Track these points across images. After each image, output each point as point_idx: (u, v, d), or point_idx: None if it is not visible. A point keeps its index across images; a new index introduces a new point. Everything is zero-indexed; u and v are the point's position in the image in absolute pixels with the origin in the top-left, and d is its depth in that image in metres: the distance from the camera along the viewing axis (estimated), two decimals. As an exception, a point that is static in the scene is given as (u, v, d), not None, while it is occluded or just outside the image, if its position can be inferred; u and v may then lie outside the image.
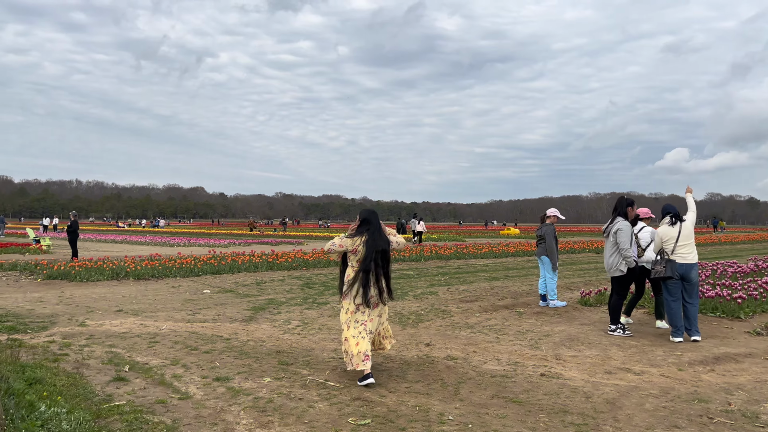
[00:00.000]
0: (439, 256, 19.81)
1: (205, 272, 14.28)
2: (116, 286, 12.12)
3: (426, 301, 10.16)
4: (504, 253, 21.75)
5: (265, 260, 16.58)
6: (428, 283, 13.03)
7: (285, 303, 9.96)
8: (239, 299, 10.42)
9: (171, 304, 9.79)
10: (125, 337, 7.00)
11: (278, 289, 11.77)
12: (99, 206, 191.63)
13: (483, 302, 10.04)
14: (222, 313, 8.85)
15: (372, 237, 5.20)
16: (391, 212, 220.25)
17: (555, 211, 9.71)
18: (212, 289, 11.67)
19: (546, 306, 9.38)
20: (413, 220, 32.06)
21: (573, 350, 6.47)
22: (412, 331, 7.51)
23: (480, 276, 14.52)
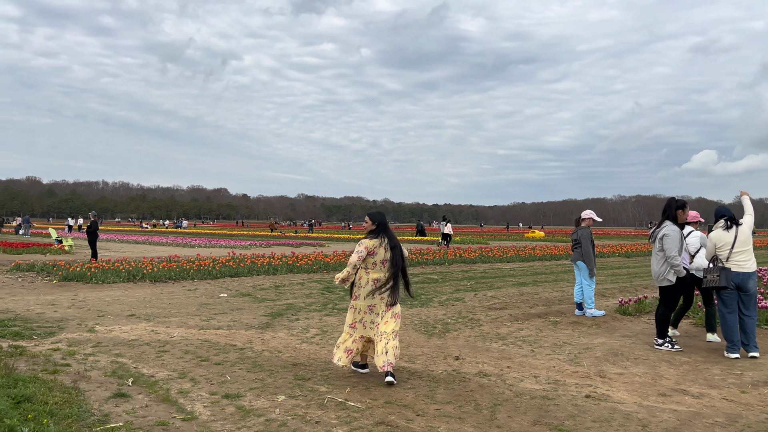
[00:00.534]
0: (464, 259, 19.21)
1: (223, 275, 13.89)
2: (132, 288, 11.77)
3: (452, 308, 9.60)
4: (531, 257, 21.06)
5: (284, 263, 16.16)
6: (454, 288, 12.46)
7: (304, 308, 9.49)
8: (256, 304, 9.97)
9: (185, 308, 9.38)
10: (134, 346, 6.58)
11: (297, 294, 11.30)
12: (124, 207, 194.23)
13: (513, 310, 9.44)
14: (237, 319, 8.40)
15: (390, 238, 5.36)
16: (412, 214, 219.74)
17: (591, 213, 9.07)
18: (229, 293, 11.25)
19: (582, 315, 8.76)
20: (442, 222, 31.48)
21: (618, 366, 5.86)
22: (439, 342, 6.96)
23: (507, 281, 13.90)
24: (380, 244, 5.29)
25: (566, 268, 17.69)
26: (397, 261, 5.29)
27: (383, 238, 5.31)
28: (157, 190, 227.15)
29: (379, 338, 5.22)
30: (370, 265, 5.29)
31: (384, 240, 5.30)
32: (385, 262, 5.30)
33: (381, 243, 5.30)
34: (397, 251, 5.32)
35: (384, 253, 5.29)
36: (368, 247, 5.27)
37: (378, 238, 5.31)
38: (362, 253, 5.26)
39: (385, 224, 5.42)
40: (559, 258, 21.67)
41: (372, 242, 5.29)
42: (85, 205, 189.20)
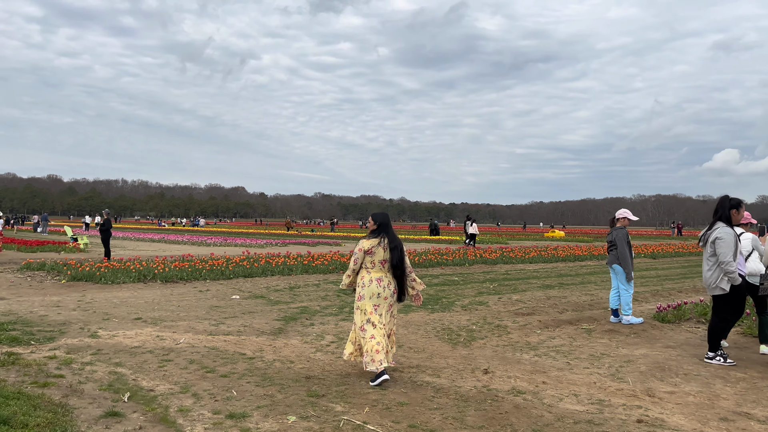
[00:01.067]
0: (485, 260, 18.60)
1: (236, 275, 13.45)
2: (141, 289, 11.35)
3: (476, 313, 9.03)
4: (554, 258, 20.37)
5: (300, 263, 15.68)
6: (476, 290, 11.88)
7: (319, 312, 8.98)
8: (269, 307, 9.49)
9: (195, 311, 8.92)
10: (136, 353, 6.11)
11: (312, 296, 10.81)
12: (143, 205, 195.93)
13: (542, 316, 8.85)
14: (249, 324, 7.92)
15: (391, 239, 5.41)
16: (429, 213, 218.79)
17: (626, 212, 8.42)
18: (242, 295, 10.78)
19: (618, 322, 8.14)
20: (467, 222, 30.86)
21: (667, 383, 5.26)
22: (464, 352, 6.41)
23: (532, 283, 13.28)
24: (379, 243, 5.36)
25: (592, 270, 17.00)
26: (394, 261, 5.36)
27: (383, 238, 5.38)
28: (176, 189, 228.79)
29: (380, 339, 5.28)
30: (369, 264, 5.38)
31: (384, 240, 5.37)
32: (384, 262, 5.38)
33: (380, 243, 5.37)
34: (396, 252, 5.37)
35: (383, 253, 5.36)
36: (364, 248, 5.38)
37: (377, 238, 5.39)
38: (357, 255, 5.41)
39: (386, 224, 5.50)
40: (583, 259, 20.96)
41: (370, 242, 5.38)
42: (105, 203, 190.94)
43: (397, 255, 5.36)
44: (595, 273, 16.10)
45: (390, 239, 5.39)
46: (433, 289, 11.92)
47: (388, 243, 5.36)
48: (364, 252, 5.38)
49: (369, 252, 5.36)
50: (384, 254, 5.35)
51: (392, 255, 5.36)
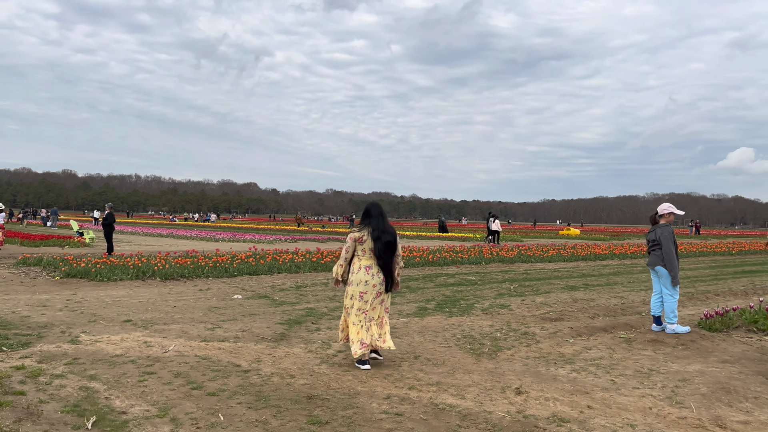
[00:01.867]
0: (502, 258, 17.73)
1: (240, 273, 12.71)
2: (138, 287, 10.64)
3: (499, 318, 8.21)
4: (574, 257, 19.46)
5: (308, 260, 14.93)
6: (496, 292, 11.05)
7: (326, 315, 8.21)
8: (273, 308, 8.73)
9: (191, 312, 8.18)
10: (116, 364, 5.36)
11: (320, 296, 10.03)
12: (156, 200, 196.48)
13: (572, 321, 8.01)
14: (248, 328, 7.16)
15: (376, 227, 5.49)
16: (440, 210, 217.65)
17: (671, 207, 7.50)
18: (244, 294, 10.04)
19: (661, 331, 7.27)
20: (489, 218, 30.00)
21: (737, 410, 4.42)
22: (491, 366, 5.60)
23: (554, 284, 12.43)
24: (367, 233, 5.49)
25: (615, 269, 16.09)
26: (376, 252, 5.44)
27: (368, 227, 5.49)
28: (188, 184, 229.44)
29: (367, 325, 5.46)
30: (360, 253, 5.51)
31: (369, 228, 5.49)
32: (372, 250, 5.48)
33: (367, 232, 5.49)
34: (379, 243, 5.43)
35: (371, 242, 5.47)
36: (354, 237, 5.52)
37: (365, 228, 5.51)
38: (348, 244, 5.54)
39: (370, 214, 5.59)
40: (604, 258, 20.03)
41: (358, 233, 5.51)
42: (118, 198, 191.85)
43: (379, 246, 5.42)
44: (619, 273, 15.20)
45: (373, 228, 5.48)
46: (450, 290, 11.11)
47: (370, 233, 5.46)
48: (354, 240, 5.52)
49: (359, 240, 5.50)
50: (371, 243, 5.46)
51: (374, 245, 5.44)
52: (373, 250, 5.44)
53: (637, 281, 13.34)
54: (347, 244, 5.54)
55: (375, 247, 5.43)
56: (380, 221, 5.54)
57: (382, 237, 5.45)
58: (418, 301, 9.72)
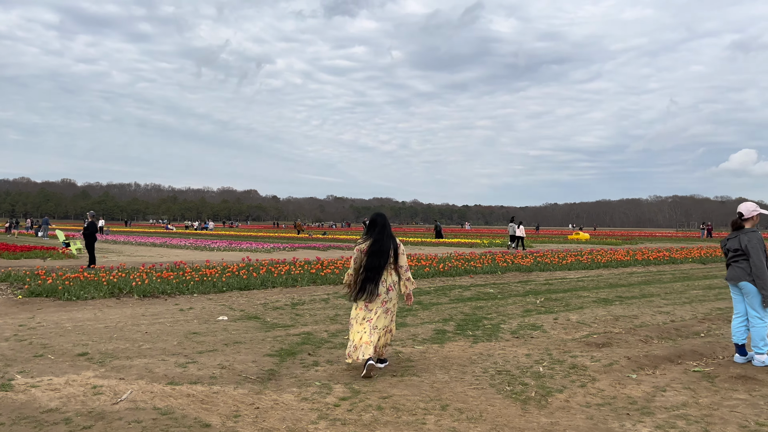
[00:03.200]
0: (518, 266, 16.32)
1: (230, 287, 11.31)
2: (110, 307, 9.25)
3: (534, 344, 6.81)
4: (594, 264, 18.05)
5: (306, 271, 13.54)
6: (521, 308, 9.65)
7: (327, 342, 6.81)
8: (263, 333, 7.34)
9: (164, 340, 6.79)
10: (44, 424, 3.98)
11: (319, 316, 8.64)
12: (155, 208, 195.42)
13: (624, 347, 6.61)
14: (230, 363, 5.77)
15: (378, 237, 5.53)
16: (441, 215, 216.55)
17: (756, 207, 6.08)
18: (231, 315, 8.64)
19: (748, 363, 5.85)
20: (511, 224, 28.79)
21: None
22: (545, 421, 4.20)
23: (584, 297, 11.03)
24: (369, 244, 5.54)
25: (643, 278, 14.68)
26: (369, 261, 5.48)
27: (370, 239, 5.56)
28: (188, 192, 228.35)
29: (371, 332, 5.40)
30: (365, 263, 5.52)
31: (371, 239, 5.55)
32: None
33: (368, 242, 5.55)
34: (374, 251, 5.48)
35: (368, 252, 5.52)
36: (361, 248, 5.58)
37: (368, 239, 5.57)
38: (355, 255, 5.58)
39: (373, 225, 5.62)
40: (626, 264, 18.61)
41: (364, 243, 5.59)
42: (118, 207, 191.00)
43: (375, 259, 5.47)
44: (649, 282, 13.80)
45: (373, 242, 5.52)
46: (468, 306, 9.71)
47: (368, 245, 5.51)
48: (361, 252, 5.56)
49: (364, 252, 5.54)
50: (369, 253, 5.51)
51: (369, 257, 5.49)
52: (365, 264, 5.48)
53: (673, 292, 11.94)
54: (354, 256, 5.58)
55: (368, 261, 5.47)
56: (379, 232, 5.57)
57: (378, 251, 5.50)
58: (433, 320, 8.32)
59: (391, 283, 5.56)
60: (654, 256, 20.93)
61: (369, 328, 5.41)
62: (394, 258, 5.58)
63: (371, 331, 5.39)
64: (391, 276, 5.56)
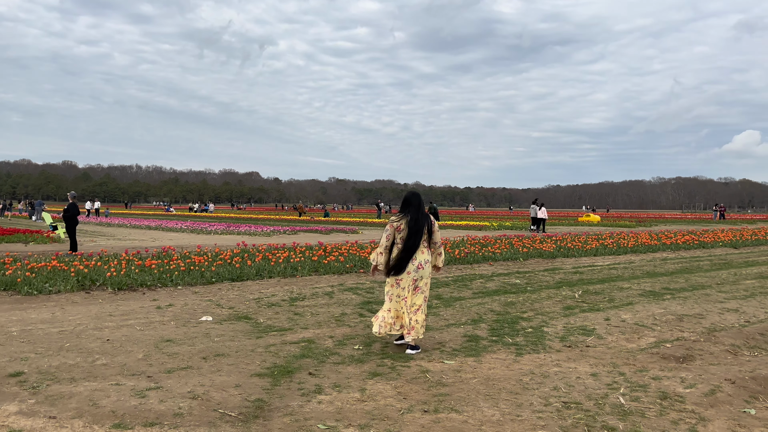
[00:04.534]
0: (540, 253, 14.86)
1: (220, 278, 9.88)
2: (75, 304, 7.83)
3: (595, 356, 5.38)
4: (621, 249, 16.57)
5: (307, 258, 12.11)
6: (559, 303, 8.22)
7: (332, 355, 5.38)
8: (254, 340, 5.92)
9: (126, 353, 5.36)
10: None
11: (322, 316, 7.21)
12: (157, 190, 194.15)
13: (713, 363, 5.17)
14: (205, 390, 4.34)
15: (414, 216, 5.54)
16: (444, 197, 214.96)
17: None
18: (217, 314, 7.22)
19: None
20: (533, 206, 27.34)
21: None
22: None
23: (626, 289, 9.59)
24: (405, 222, 5.53)
25: (680, 265, 13.23)
26: (407, 240, 5.48)
27: (407, 217, 5.54)
28: (190, 174, 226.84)
29: (406, 311, 5.49)
30: (399, 241, 5.55)
31: (407, 218, 5.53)
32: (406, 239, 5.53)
33: (405, 221, 5.54)
34: (411, 231, 5.48)
35: (407, 231, 5.52)
36: (393, 225, 5.59)
37: (404, 217, 5.56)
38: (389, 231, 5.60)
39: (409, 203, 5.62)
40: (655, 249, 17.14)
41: (397, 221, 5.57)
42: (119, 189, 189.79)
43: (411, 238, 5.48)
44: (690, 270, 12.35)
45: (411, 219, 5.52)
46: (497, 302, 8.28)
47: (407, 223, 5.51)
48: (394, 229, 5.58)
49: (398, 229, 5.56)
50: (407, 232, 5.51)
51: (408, 236, 5.50)
52: (405, 240, 5.49)
53: (724, 282, 10.50)
54: (387, 232, 5.59)
55: (407, 237, 5.49)
56: (416, 212, 5.56)
57: (418, 229, 5.50)
58: (460, 322, 6.89)
59: (422, 261, 5.53)
60: (682, 240, 19.45)
61: (404, 306, 5.50)
62: (429, 235, 5.59)
63: (406, 309, 5.48)
64: (422, 254, 5.54)
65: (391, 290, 5.59)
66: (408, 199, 5.62)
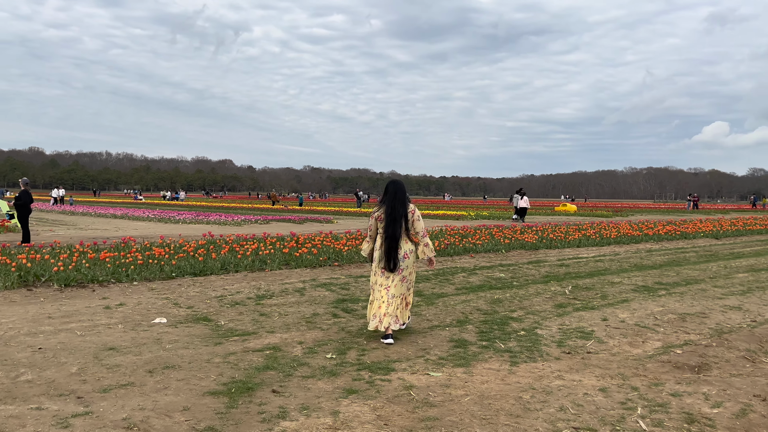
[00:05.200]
0: (523, 244, 14.28)
1: (181, 272, 9.06)
2: (12, 303, 6.96)
3: (600, 365, 4.75)
4: (605, 240, 16.10)
5: (278, 250, 11.32)
6: (550, 300, 7.60)
7: (301, 365, 4.66)
8: (211, 348, 5.16)
9: (58, 366, 4.57)
10: None
11: (292, 317, 6.47)
12: (128, 178, 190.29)
13: (732, 373, 4.58)
14: (144, 416, 3.60)
15: (390, 204, 5.46)
16: (419, 186, 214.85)
17: None
18: (173, 315, 6.43)
19: None
20: (515, 195, 26.93)
21: None
22: None
23: (617, 284, 9.04)
24: (383, 210, 5.50)
25: (668, 257, 12.77)
26: (386, 229, 5.42)
27: (384, 206, 5.50)
28: (161, 162, 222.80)
29: (389, 301, 5.37)
30: (381, 231, 5.50)
31: (384, 206, 5.49)
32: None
33: (383, 209, 5.50)
34: (388, 219, 5.41)
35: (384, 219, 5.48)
36: (374, 216, 5.59)
37: (382, 206, 5.53)
38: (370, 222, 5.65)
39: (388, 192, 5.54)
40: (638, 240, 16.72)
41: (378, 211, 5.56)
42: (88, 176, 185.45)
43: (390, 227, 5.41)
44: (678, 263, 11.89)
45: (387, 208, 5.46)
46: (483, 299, 7.63)
47: (383, 212, 5.47)
48: (375, 219, 5.59)
49: (379, 219, 5.54)
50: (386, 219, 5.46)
51: (385, 222, 5.45)
52: (384, 230, 5.43)
53: (717, 276, 10.03)
54: (369, 223, 5.67)
55: (385, 227, 5.44)
56: (393, 200, 5.47)
57: (395, 217, 5.44)
58: (444, 323, 6.22)
59: (407, 251, 5.48)
60: (664, 231, 19.11)
61: (387, 297, 5.39)
62: (407, 224, 5.49)
63: (389, 300, 5.38)
64: (406, 244, 5.49)
65: (379, 279, 5.47)
66: (387, 187, 5.57)
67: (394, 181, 5.61)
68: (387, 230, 5.39)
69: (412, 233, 5.50)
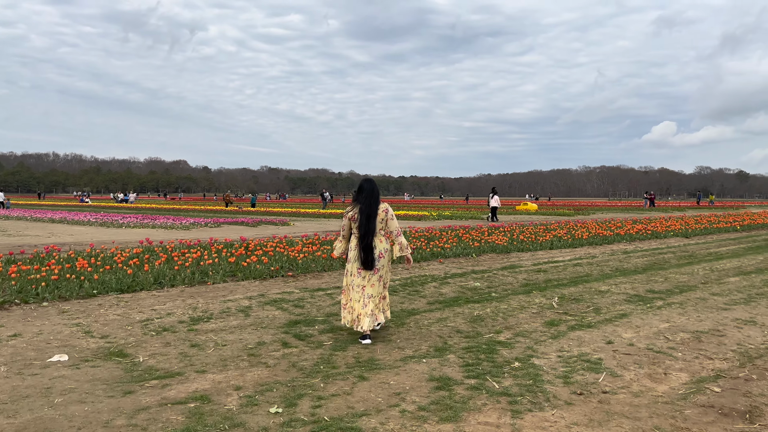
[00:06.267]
0: (493, 247, 13.28)
1: (106, 289, 7.65)
2: None
3: (619, 409, 3.68)
4: (578, 241, 15.27)
5: (224, 258, 9.99)
6: (537, 316, 6.54)
7: (233, 429, 3.43)
8: (116, 401, 3.88)
9: None
10: None
11: (230, 348, 5.20)
12: (77, 180, 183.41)
13: (796, 421, 3.57)
14: None
15: (365, 202, 5.39)
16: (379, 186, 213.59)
17: None
18: (79, 350, 5.09)
19: None
20: (489, 195, 26.91)
21: None
22: None
23: (605, 293, 8.08)
24: (357, 209, 5.43)
25: (645, 259, 11.97)
26: (361, 227, 5.36)
27: (357, 206, 5.44)
28: (113, 163, 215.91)
29: (366, 302, 5.33)
30: (355, 230, 5.45)
31: (359, 205, 5.43)
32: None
33: (357, 208, 5.44)
34: (363, 218, 5.36)
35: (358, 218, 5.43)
36: (347, 216, 5.51)
37: (357, 205, 5.44)
38: (344, 222, 5.57)
39: (362, 190, 5.47)
40: (611, 241, 15.97)
41: (352, 210, 5.48)
42: (34, 178, 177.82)
43: (362, 220, 5.35)
44: (661, 266, 11.08)
45: (362, 207, 5.39)
46: (461, 316, 6.51)
47: (358, 210, 5.39)
48: (348, 219, 5.51)
49: (353, 218, 5.47)
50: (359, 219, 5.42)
51: (359, 221, 5.38)
52: (362, 225, 5.37)
53: (708, 281, 9.20)
54: (343, 223, 5.59)
55: (359, 223, 5.39)
56: (366, 199, 5.40)
57: (365, 212, 5.37)
58: (420, 352, 5.07)
59: (382, 250, 5.44)
60: (635, 230, 18.47)
61: (364, 297, 5.34)
62: (381, 223, 5.44)
63: (366, 300, 5.32)
64: (381, 243, 5.45)
65: (355, 280, 5.39)
66: (360, 186, 5.49)
67: (369, 180, 5.54)
68: (362, 228, 5.34)
69: (386, 232, 5.47)
